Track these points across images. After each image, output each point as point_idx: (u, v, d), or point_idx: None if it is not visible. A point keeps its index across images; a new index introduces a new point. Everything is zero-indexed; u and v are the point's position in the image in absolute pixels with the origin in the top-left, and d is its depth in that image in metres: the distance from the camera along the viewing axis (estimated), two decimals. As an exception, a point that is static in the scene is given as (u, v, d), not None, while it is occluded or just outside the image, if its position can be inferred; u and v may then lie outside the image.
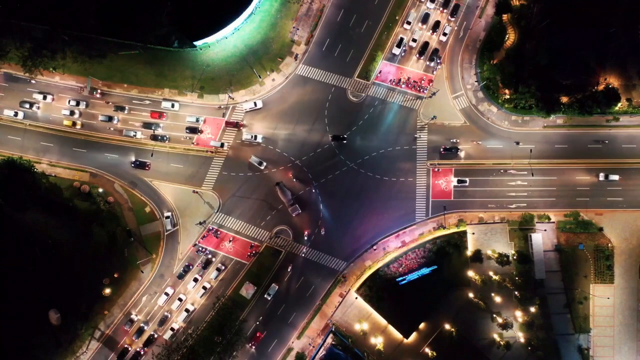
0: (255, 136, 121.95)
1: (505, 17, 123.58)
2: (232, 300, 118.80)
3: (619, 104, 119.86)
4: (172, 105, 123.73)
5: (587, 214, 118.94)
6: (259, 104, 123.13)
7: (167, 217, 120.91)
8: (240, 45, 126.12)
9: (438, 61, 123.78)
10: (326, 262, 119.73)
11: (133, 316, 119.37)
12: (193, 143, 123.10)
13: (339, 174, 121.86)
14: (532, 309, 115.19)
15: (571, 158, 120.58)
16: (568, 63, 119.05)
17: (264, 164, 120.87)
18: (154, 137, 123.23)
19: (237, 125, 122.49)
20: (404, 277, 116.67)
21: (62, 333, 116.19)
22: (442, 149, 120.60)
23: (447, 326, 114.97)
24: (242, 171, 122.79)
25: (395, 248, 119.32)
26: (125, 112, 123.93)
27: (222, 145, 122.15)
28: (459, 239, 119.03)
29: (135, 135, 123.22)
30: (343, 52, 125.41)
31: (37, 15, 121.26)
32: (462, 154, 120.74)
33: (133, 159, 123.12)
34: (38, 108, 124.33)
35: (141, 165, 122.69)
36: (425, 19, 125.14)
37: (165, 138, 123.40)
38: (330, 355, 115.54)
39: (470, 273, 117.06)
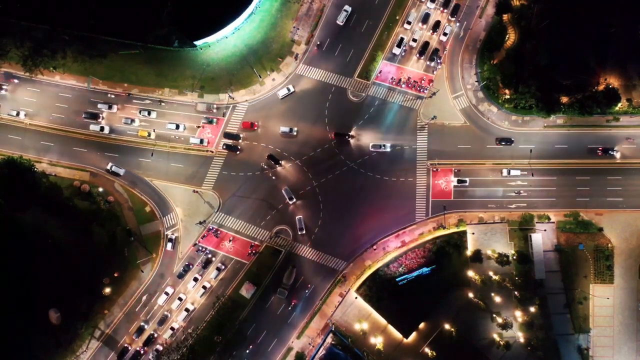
0: (384, 145, 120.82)
1: (505, 17, 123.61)
2: (232, 299, 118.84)
3: (619, 104, 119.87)
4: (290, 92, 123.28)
5: (587, 214, 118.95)
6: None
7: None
8: (241, 45, 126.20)
9: (438, 61, 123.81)
10: (326, 262, 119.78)
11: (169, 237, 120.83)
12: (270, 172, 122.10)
13: (339, 174, 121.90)
14: (532, 309, 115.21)
15: (571, 158, 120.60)
16: (568, 63, 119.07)
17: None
18: (228, 147, 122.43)
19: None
20: (404, 277, 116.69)
21: (62, 332, 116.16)
22: (599, 150, 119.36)
23: (447, 326, 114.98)
24: (242, 171, 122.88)
25: (395, 248, 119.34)
26: (214, 123, 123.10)
27: (201, 141, 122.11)
28: (458, 239, 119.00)
29: (202, 142, 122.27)
30: (343, 52, 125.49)
31: (37, 14, 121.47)
32: (617, 154, 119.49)
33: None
34: (102, 119, 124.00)
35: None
36: (425, 19, 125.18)
37: (237, 149, 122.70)
38: (330, 355, 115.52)
39: (470, 273, 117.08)
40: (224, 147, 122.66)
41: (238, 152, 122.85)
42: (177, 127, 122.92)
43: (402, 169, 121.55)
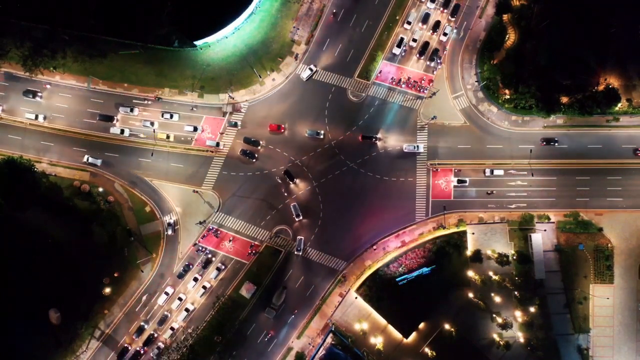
0: (418, 146, 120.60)
1: (505, 17, 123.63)
2: (232, 299, 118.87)
3: (619, 104, 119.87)
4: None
5: (587, 214, 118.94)
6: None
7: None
8: (241, 45, 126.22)
9: (438, 61, 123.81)
10: (326, 262, 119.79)
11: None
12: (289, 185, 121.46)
13: (339, 174, 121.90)
14: (532, 309, 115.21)
15: (571, 158, 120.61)
16: (568, 63, 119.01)
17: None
18: (244, 152, 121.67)
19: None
20: (404, 277, 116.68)
21: (62, 332, 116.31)
22: (638, 151, 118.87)
23: (447, 326, 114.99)
24: (242, 171, 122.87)
25: (395, 248, 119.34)
26: (239, 126, 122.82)
27: (217, 144, 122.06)
28: (458, 239, 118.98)
29: (218, 145, 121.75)
30: (343, 52, 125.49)
31: (37, 14, 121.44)
32: None
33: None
34: (117, 120, 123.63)
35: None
36: (425, 19, 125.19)
37: (254, 157, 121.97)
38: (329, 355, 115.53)
39: (470, 273, 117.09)
40: (241, 153, 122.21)
41: (254, 161, 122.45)
42: (195, 129, 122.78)
43: (402, 169, 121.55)
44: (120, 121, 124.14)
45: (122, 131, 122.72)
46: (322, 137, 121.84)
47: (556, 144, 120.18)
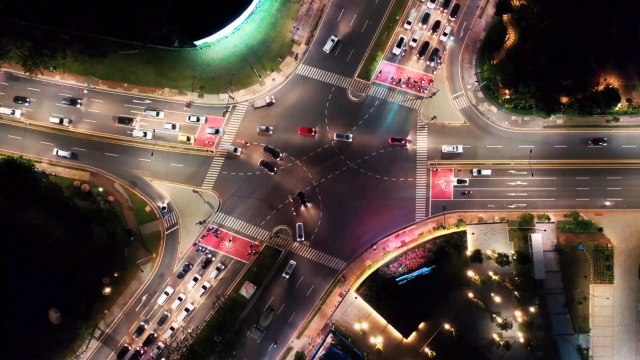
0: (457, 147, 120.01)
1: (505, 17, 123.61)
2: (232, 299, 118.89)
3: (619, 105, 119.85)
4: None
5: (586, 214, 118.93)
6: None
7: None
8: (241, 45, 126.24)
9: (438, 61, 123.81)
10: (326, 262, 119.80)
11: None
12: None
13: (339, 174, 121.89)
14: (532, 309, 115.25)
15: (571, 158, 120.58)
16: (568, 63, 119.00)
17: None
18: (264, 164, 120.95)
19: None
20: (404, 277, 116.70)
21: (62, 332, 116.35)
22: None
23: (447, 326, 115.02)
24: (242, 171, 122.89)
25: (395, 248, 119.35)
26: (271, 131, 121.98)
27: (235, 150, 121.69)
28: (458, 239, 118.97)
29: (236, 150, 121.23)
30: (343, 52, 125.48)
31: (38, 14, 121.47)
32: None
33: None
34: (135, 123, 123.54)
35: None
36: (425, 19, 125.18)
37: (273, 169, 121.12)
38: (329, 355, 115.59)
39: (470, 273, 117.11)
40: (261, 164, 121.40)
41: (273, 174, 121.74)
42: (217, 131, 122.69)
43: (402, 169, 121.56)
44: (138, 123, 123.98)
45: (145, 134, 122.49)
46: (350, 140, 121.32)
47: (605, 144, 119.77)
